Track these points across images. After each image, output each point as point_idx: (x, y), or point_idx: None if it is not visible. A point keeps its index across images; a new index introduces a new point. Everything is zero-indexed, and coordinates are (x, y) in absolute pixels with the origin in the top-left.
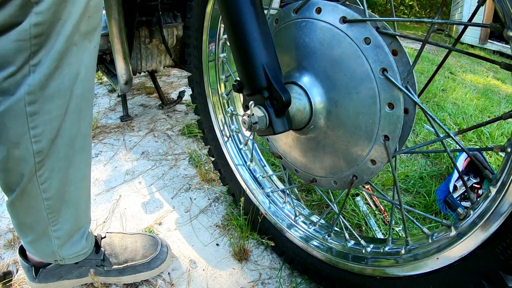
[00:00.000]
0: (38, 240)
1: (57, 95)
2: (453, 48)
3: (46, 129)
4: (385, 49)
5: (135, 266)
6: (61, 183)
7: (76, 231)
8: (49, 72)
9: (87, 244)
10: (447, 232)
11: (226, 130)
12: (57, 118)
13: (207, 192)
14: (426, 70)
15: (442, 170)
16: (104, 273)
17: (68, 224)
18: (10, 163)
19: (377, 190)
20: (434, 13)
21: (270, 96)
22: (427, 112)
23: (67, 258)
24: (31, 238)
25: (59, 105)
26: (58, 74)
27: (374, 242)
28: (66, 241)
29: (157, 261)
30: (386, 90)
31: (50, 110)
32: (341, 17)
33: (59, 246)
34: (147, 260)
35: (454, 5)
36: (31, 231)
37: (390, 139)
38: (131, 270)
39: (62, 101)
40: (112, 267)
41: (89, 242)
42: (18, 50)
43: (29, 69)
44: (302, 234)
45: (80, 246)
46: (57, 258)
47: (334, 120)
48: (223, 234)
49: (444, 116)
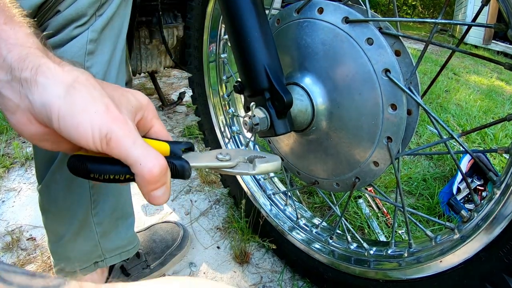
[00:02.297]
0: (78, 233)
1: (110, 39)
2: (456, 49)
3: (97, 71)
4: (388, 50)
5: (172, 252)
6: None
7: (119, 216)
8: (108, 19)
9: (135, 237)
10: (451, 234)
11: (227, 131)
12: (107, 62)
13: (208, 194)
14: (429, 71)
15: (446, 172)
16: (149, 272)
17: (109, 203)
18: None
19: (379, 192)
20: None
21: (271, 97)
22: (430, 113)
23: (111, 255)
24: (68, 234)
25: (110, 49)
26: (112, 21)
27: (376, 245)
28: (110, 228)
29: (185, 240)
30: (389, 91)
31: (103, 51)
32: (344, 17)
33: (102, 234)
34: (179, 242)
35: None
36: (70, 220)
37: (393, 141)
38: (169, 257)
39: (112, 46)
40: (155, 263)
41: (137, 238)
42: (92, 3)
43: (96, 17)
44: (304, 237)
45: (126, 239)
46: (99, 255)
47: (336, 122)
48: (224, 236)
49: (448, 117)
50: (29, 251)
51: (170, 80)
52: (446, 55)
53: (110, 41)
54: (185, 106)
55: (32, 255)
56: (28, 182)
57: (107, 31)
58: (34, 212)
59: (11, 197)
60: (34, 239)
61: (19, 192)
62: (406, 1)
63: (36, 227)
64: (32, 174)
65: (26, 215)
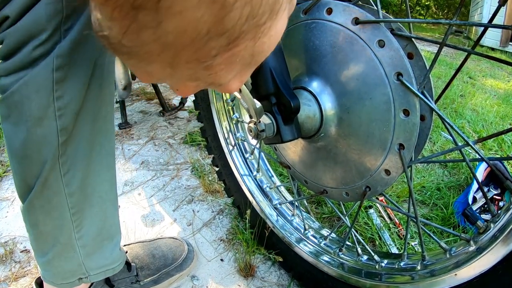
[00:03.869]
0: (61, 254)
1: (84, 60)
2: (472, 51)
3: (71, 98)
4: (400, 52)
5: (169, 271)
6: (84, 174)
7: (105, 238)
8: (79, 37)
9: (120, 255)
10: (466, 246)
11: (231, 138)
12: (82, 86)
13: (211, 204)
14: (444, 75)
15: (461, 181)
16: (139, 287)
17: (94, 227)
18: (30, 147)
19: (391, 202)
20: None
21: (277, 102)
22: (445, 119)
23: (95, 272)
24: (52, 253)
25: (85, 71)
26: (86, 39)
27: (388, 257)
28: (94, 249)
29: (188, 261)
30: (401, 96)
31: (76, 75)
32: (354, 18)
33: (85, 255)
34: (179, 262)
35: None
36: (53, 242)
37: (405, 148)
38: (165, 276)
39: (88, 67)
40: (147, 279)
41: (122, 255)
42: (52, 13)
43: (61, 34)
44: (312, 249)
45: (111, 258)
46: (83, 273)
47: (345, 128)
48: (227, 248)
49: (463, 123)
50: (23, 264)
51: None
52: (461, 58)
53: (86, 59)
54: (187, 112)
55: (26, 268)
56: None
57: (80, 49)
58: None
59: (4, 207)
60: (28, 251)
61: (12, 202)
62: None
63: None
64: None
65: (20, 226)
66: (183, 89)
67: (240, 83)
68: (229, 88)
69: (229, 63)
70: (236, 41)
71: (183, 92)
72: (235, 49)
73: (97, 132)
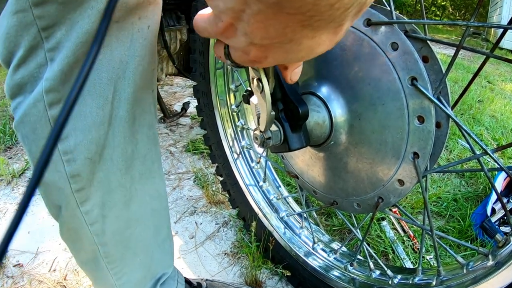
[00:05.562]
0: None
1: (92, 93)
2: (491, 54)
3: (80, 140)
4: (415, 56)
5: None
6: (119, 225)
7: (148, 280)
8: (74, 60)
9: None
10: (484, 261)
11: (236, 146)
12: (95, 126)
13: (215, 216)
14: (461, 79)
15: (479, 191)
16: None
17: (138, 274)
18: (42, 190)
19: (405, 214)
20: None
21: (285, 108)
22: (462, 126)
23: None
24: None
25: (97, 108)
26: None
27: (402, 273)
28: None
29: None
30: (416, 102)
31: (81, 114)
32: (365, 19)
33: None
34: None
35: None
36: (93, 279)
37: (420, 157)
38: None
39: (102, 103)
40: None
41: None
42: (20, 26)
43: (45, 55)
44: (321, 263)
45: None
46: None
47: (357, 135)
48: (232, 263)
49: (481, 130)
50: (16, 279)
51: (172, 89)
52: (479, 61)
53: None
54: (189, 118)
55: (19, 283)
56: (14, 202)
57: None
58: (22, 236)
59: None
60: (22, 266)
61: (5, 214)
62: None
63: (24, 252)
64: (19, 194)
65: (13, 239)
66: None
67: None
68: None
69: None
70: None
71: None
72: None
73: (134, 177)
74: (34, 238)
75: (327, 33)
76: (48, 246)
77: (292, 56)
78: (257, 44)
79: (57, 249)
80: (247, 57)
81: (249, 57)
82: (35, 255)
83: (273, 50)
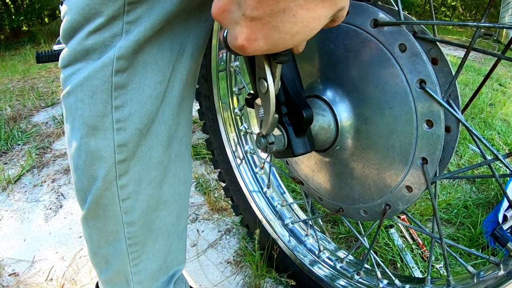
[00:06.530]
0: (113, 280)
1: (153, 67)
2: (502, 56)
3: (134, 111)
4: (423, 57)
5: None
6: (150, 204)
7: (162, 273)
8: (149, 35)
9: None
10: (495, 270)
11: (239, 151)
12: (151, 100)
13: (217, 223)
14: (471, 82)
15: (490, 198)
16: None
17: (154, 264)
18: (82, 158)
19: (414, 221)
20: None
21: (288, 112)
22: (472, 131)
23: None
24: (105, 275)
25: (156, 82)
26: (156, 40)
27: (410, 282)
28: (149, 285)
29: None
30: (424, 105)
31: (141, 85)
32: (372, 19)
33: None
34: None
35: (503, 6)
36: (106, 266)
37: (429, 162)
38: None
39: (161, 78)
40: None
41: None
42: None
43: (122, 27)
44: (327, 272)
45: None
46: None
47: (363, 140)
48: (235, 272)
49: (492, 135)
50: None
51: None
52: (490, 63)
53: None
54: None
55: None
56: (10, 209)
57: (151, 51)
58: (18, 244)
59: None
60: (18, 275)
61: (0, 221)
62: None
63: (19, 261)
64: (15, 200)
65: (8, 247)
66: None
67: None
68: None
69: None
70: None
71: None
72: None
73: (170, 157)
74: (30, 246)
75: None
76: (45, 255)
77: (285, 36)
78: (248, 18)
79: (54, 258)
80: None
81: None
82: (31, 263)
83: (264, 28)
